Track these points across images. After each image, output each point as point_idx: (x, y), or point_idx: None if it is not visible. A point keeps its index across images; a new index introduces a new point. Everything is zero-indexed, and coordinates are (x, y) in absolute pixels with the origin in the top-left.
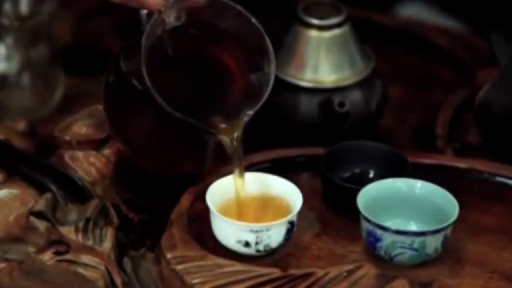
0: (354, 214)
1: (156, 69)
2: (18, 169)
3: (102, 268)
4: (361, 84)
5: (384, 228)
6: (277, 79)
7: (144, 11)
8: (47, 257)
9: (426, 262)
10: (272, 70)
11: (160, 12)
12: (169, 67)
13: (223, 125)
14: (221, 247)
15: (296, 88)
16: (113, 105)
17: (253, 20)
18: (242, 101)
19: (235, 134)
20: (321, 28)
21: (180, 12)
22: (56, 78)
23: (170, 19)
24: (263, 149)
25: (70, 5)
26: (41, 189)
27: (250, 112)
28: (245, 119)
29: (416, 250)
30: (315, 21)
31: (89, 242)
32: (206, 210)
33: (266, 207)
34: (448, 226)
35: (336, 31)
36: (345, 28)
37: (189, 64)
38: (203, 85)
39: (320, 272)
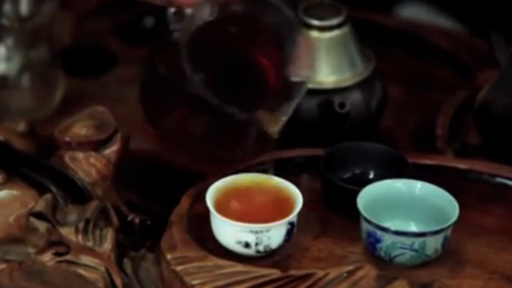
0: (354, 215)
1: (193, 64)
2: (18, 170)
3: (102, 269)
4: (361, 85)
5: (384, 229)
6: None
7: (172, 9)
8: (47, 258)
9: (426, 263)
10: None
11: (192, 7)
12: (205, 62)
13: (264, 116)
14: (221, 248)
15: None
16: (151, 101)
17: (286, 10)
18: (280, 93)
19: (278, 124)
20: (321, 29)
21: (213, 6)
22: (56, 79)
23: (203, 14)
24: (262, 150)
25: (70, 6)
26: (41, 190)
27: (293, 103)
28: (289, 109)
29: (416, 251)
30: (315, 22)
31: (89, 243)
32: (206, 211)
33: (266, 207)
34: (448, 227)
35: (336, 32)
36: (345, 29)
37: (224, 58)
38: (239, 78)
39: (320, 273)
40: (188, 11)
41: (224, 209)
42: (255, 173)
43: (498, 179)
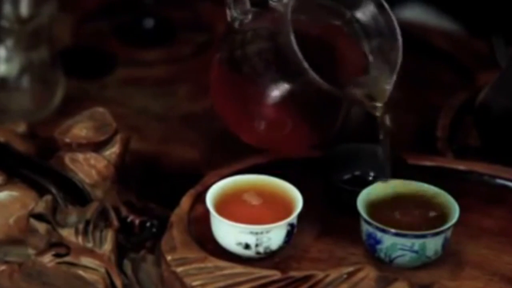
0: (354, 216)
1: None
2: (18, 171)
3: (102, 270)
4: None
5: (384, 230)
6: None
7: None
8: (47, 259)
9: (426, 265)
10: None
11: None
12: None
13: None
14: (221, 249)
15: None
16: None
17: None
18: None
19: (383, 95)
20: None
21: None
22: (56, 80)
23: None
24: (263, 151)
25: (70, 8)
26: (41, 192)
27: (389, 82)
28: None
29: (416, 252)
30: None
31: (89, 244)
32: (206, 212)
33: (266, 209)
34: (448, 228)
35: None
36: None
37: (312, 45)
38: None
39: (320, 275)
40: None
41: (224, 210)
42: (255, 174)
43: (498, 181)
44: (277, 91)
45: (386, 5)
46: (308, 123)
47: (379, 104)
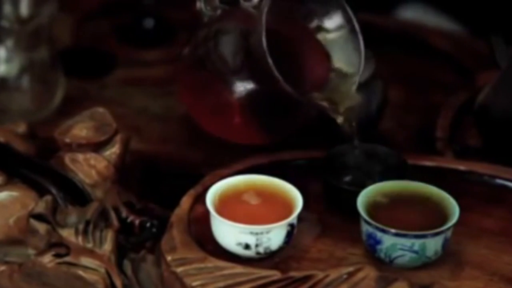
0: (354, 216)
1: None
2: (18, 171)
3: (102, 270)
4: (361, 87)
5: (384, 231)
6: None
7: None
8: (47, 259)
9: (426, 265)
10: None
11: None
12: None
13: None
14: (221, 250)
15: None
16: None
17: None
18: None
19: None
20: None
21: None
22: (56, 81)
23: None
24: (263, 151)
25: (70, 8)
26: (41, 192)
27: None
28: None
29: (416, 252)
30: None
31: (89, 245)
32: (206, 213)
33: (266, 209)
34: (448, 228)
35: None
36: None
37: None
38: (289, 63)
39: (320, 275)
40: None
41: (224, 210)
42: (255, 174)
43: (498, 181)
44: (236, 87)
45: (347, 6)
46: (261, 120)
47: (341, 109)
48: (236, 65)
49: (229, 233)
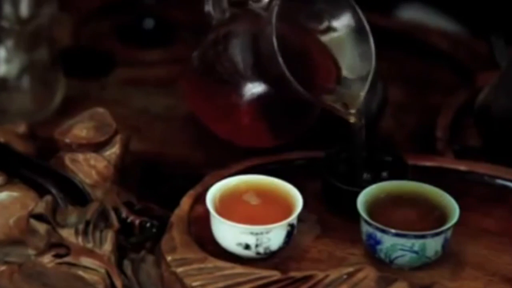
0: (354, 216)
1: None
2: (18, 172)
3: (102, 270)
4: None
5: (384, 231)
6: None
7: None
8: (47, 259)
9: (426, 265)
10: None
11: None
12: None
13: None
14: (221, 250)
15: None
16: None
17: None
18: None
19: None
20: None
21: None
22: (56, 81)
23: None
24: (263, 152)
25: (70, 8)
26: (41, 192)
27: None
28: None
29: (416, 252)
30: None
31: (89, 245)
32: (206, 213)
33: (266, 209)
34: (448, 228)
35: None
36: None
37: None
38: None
39: (320, 275)
40: None
41: (224, 210)
42: (255, 175)
43: (498, 181)
44: (247, 90)
45: (360, 12)
46: (271, 123)
47: (352, 111)
48: (247, 68)
49: (229, 233)
